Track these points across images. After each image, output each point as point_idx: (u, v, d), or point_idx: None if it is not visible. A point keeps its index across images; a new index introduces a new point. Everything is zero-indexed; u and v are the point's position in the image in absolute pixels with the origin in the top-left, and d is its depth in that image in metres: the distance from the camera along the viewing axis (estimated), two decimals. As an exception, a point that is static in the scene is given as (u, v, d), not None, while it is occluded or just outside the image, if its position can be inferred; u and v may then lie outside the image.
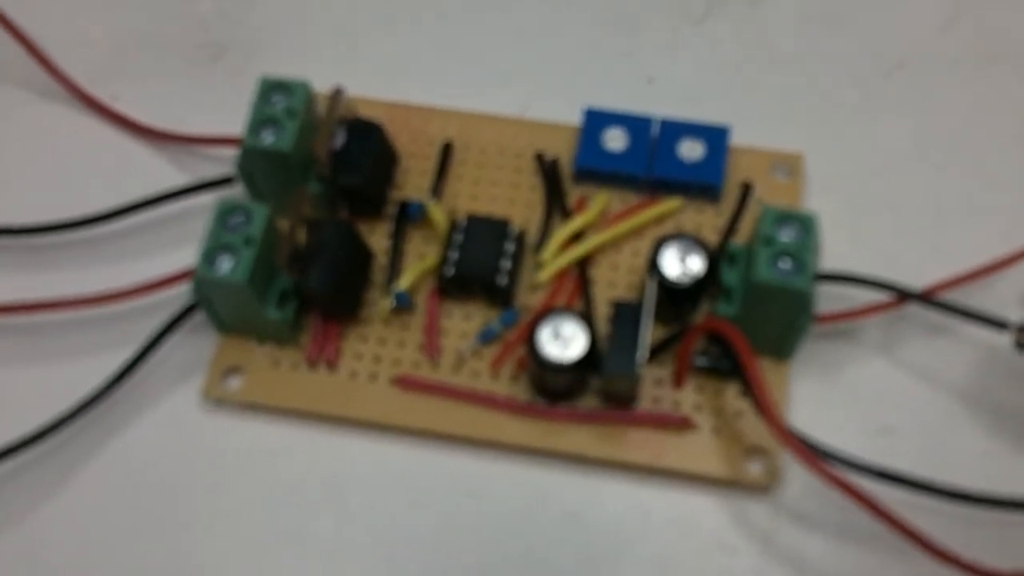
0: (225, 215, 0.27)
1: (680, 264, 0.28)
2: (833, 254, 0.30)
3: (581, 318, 0.27)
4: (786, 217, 0.27)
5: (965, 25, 0.34)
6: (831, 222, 0.31)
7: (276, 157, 0.28)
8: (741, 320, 0.27)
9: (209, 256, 0.26)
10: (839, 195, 0.32)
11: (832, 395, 0.29)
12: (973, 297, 0.29)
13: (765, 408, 0.26)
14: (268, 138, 0.28)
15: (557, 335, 0.27)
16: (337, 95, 0.29)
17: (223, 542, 0.28)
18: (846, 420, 0.29)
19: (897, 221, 0.31)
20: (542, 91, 0.34)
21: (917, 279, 0.29)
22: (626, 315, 0.26)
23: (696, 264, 0.28)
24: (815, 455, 0.25)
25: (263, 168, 0.28)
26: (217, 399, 0.29)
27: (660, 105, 0.32)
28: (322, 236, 0.27)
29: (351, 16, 0.36)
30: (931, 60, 0.34)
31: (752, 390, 0.26)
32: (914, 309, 0.29)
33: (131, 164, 0.33)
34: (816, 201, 0.31)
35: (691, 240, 0.28)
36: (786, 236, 0.26)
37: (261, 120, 0.28)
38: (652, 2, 0.35)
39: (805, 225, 0.27)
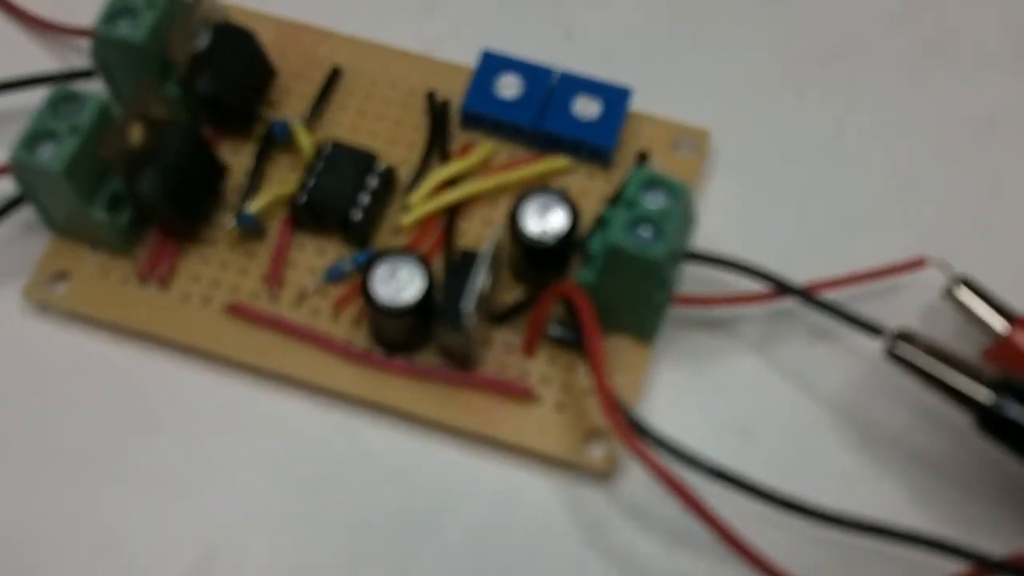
0: (58, 102, 0.25)
1: (541, 220, 0.26)
2: (725, 239, 0.28)
3: (420, 262, 0.25)
4: (655, 182, 0.24)
5: (915, 21, 0.32)
6: (729, 207, 0.29)
7: (131, 49, 0.26)
8: (598, 289, 0.25)
9: (30, 141, 0.24)
10: (744, 180, 0.29)
11: (695, 387, 0.27)
12: (867, 304, 0.27)
13: (597, 379, 0.24)
14: (123, 28, 0.26)
15: (392, 277, 0.25)
16: (203, -4, 0.27)
17: (27, 456, 0.26)
18: (704, 415, 0.26)
19: (800, 215, 0.29)
20: (454, 31, 0.31)
21: (804, 274, 0.26)
22: (464, 265, 0.24)
23: (558, 222, 0.25)
24: (636, 435, 0.23)
25: (118, 61, 0.26)
26: (39, 302, 0.27)
27: (573, 60, 0.30)
28: (162, 140, 0.25)
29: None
30: (871, 54, 0.31)
31: (589, 363, 0.24)
32: (800, 308, 0.27)
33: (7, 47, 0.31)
34: (719, 183, 0.29)
35: (557, 196, 0.26)
36: (652, 202, 0.24)
37: (118, 7, 0.26)
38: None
39: (674, 193, 0.24)
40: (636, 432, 0.23)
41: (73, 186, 0.25)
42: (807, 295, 0.26)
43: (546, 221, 0.25)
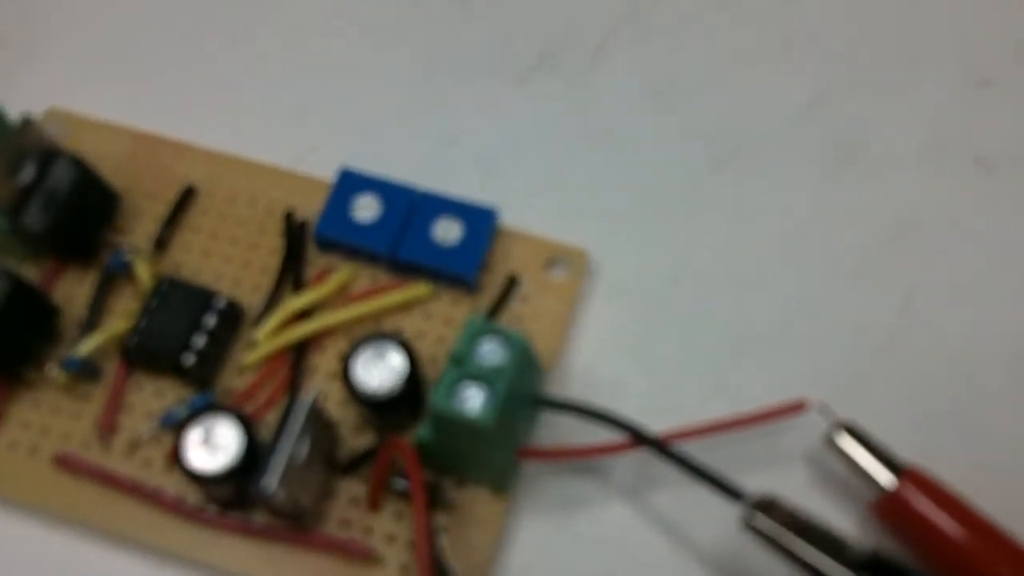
0: None
1: (377, 370, 0.23)
2: (602, 367, 0.26)
3: (240, 422, 0.23)
4: (491, 333, 0.22)
5: (818, 119, 0.29)
6: (608, 332, 0.27)
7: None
8: (438, 445, 0.23)
9: None
10: (625, 302, 0.27)
11: (560, 540, 0.24)
12: (748, 447, 0.24)
13: (418, 541, 0.21)
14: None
15: (207, 439, 0.23)
16: (26, 126, 0.25)
17: None
18: (569, 571, 0.24)
19: (683, 342, 0.26)
20: (319, 144, 0.29)
21: (682, 418, 0.24)
22: (282, 424, 0.22)
23: (395, 371, 0.23)
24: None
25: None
26: None
27: (440, 178, 0.28)
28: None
29: (121, 31, 0.31)
30: (769, 157, 0.29)
31: (414, 531, 0.22)
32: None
33: None
34: (598, 305, 0.27)
35: (396, 343, 0.24)
36: (487, 357, 0.22)
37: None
38: (480, 53, 0.31)
39: (513, 346, 0.22)
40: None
41: None
42: (662, 447, 0.23)
43: (382, 370, 0.23)
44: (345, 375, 0.23)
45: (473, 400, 0.21)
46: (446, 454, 0.23)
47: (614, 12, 0.31)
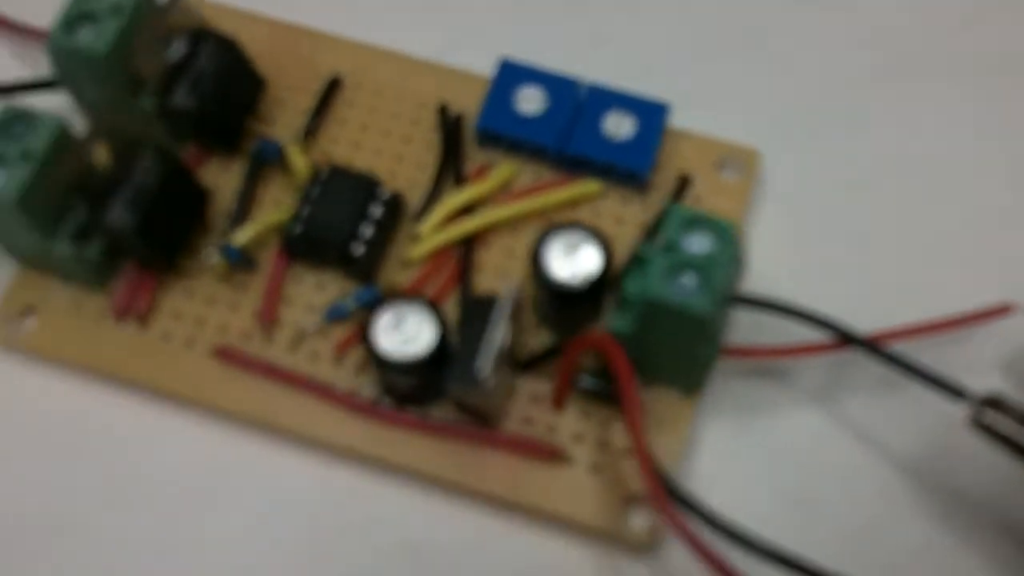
0: (8, 122, 0.22)
1: (569, 261, 0.22)
2: (775, 276, 0.25)
3: (431, 309, 0.22)
4: (698, 221, 0.21)
5: (981, 31, 0.28)
6: (780, 240, 0.26)
7: (91, 60, 0.23)
8: (634, 339, 0.22)
9: (-23, 169, 0.21)
10: (796, 208, 0.26)
11: (746, 446, 0.24)
12: (938, 353, 0.24)
13: (636, 445, 0.20)
14: (83, 37, 0.22)
15: (398, 326, 0.22)
16: (176, 3, 0.23)
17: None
18: (757, 479, 0.23)
19: (860, 251, 0.25)
20: (467, 34, 0.28)
21: (871, 321, 0.23)
22: (479, 314, 0.21)
23: (589, 263, 0.22)
24: (678, 509, 0.20)
25: (81, 74, 0.23)
26: (4, 341, 0.24)
27: (600, 71, 0.27)
28: (129, 163, 0.22)
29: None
30: (936, 70, 0.28)
31: (625, 423, 0.21)
32: (861, 358, 0.24)
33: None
34: (768, 211, 0.26)
35: (587, 233, 0.22)
36: (695, 246, 0.21)
37: (76, 12, 0.22)
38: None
39: (722, 235, 0.21)
40: (679, 505, 0.20)
41: (29, 218, 0.21)
42: (874, 347, 0.22)
43: (574, 262, 0.22)
44: (535, 265, 0.22)
45: (688, 288, 0.20)
46: (641, 349, 0.22)
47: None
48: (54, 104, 0.25)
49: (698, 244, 0.21)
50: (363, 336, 0.22)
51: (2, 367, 0.24)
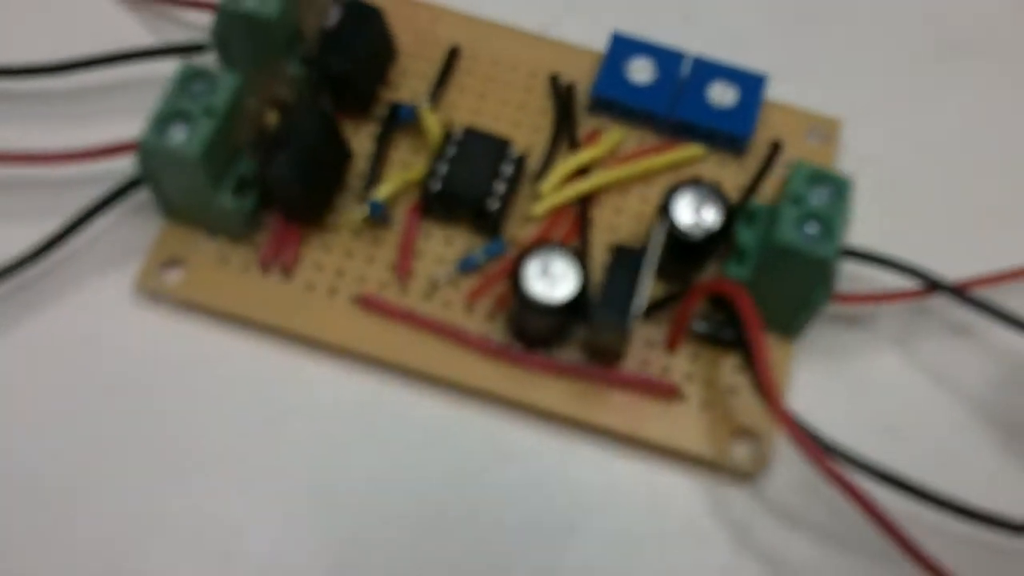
0: (188, 79, 0.23)
1: (694, 214, 0.25)
2: (857, 233, 0.27)
3: (575, 256, 0.24)
4: (820, 177, 0.23)
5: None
6: (860, 199, 0.28)
7: (258, 24, 0.24)
8: (751, 286, 0.24)
9: (161, 122, 0.23)
10: (874, 172, 0.28)
11: (837, 384, 0.26)
12: (1009, 300, 0.26)
13: (767, 388, 0.23)
14: (252, 2, 0.24)
15: (546, 271, 0.24)
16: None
17: (138, 454, 0.25)
18: (849, 413, 0.26)
19: (932, 209, 0.28)
20: (569, 9, 0.30)
21: (949, 272, 0.26)
22: (626, 262, 0.23)
23: (711, 216, 0.25)
24: (818, 446, 0.22)
25: (242, 36, 0.25)
26: (152, 292, 0.26)
27: (694, 44, 0.29)
28: (295, 122, 0.24)
29: None
30: (1000, 44, 0.30)
31: (755, 366, 0.23)
32: (938, 304, 0.27)
33: (97, 18, 0.29)
34: (850, 173, 0.28)
35: (709, 189, 0.25)
36: (817, 198, 0.23)
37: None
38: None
39: (839, 189, 0.23)
40: (816, 443, 0.23)
41: (207, 171, 0.23)
42: (961, 294, 0.25)
43: (699, 216, 0.25)
44: (663, 216, 0.24)
45: (813, 235, 0.23)
46: (756, 295, 0.24)
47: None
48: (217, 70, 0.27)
49: (819, 197, 0.23)
50: (513, 280, 0.24)
51: (151, 317, 0.26)
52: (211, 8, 0.27)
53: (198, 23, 0.29)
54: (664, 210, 0.24)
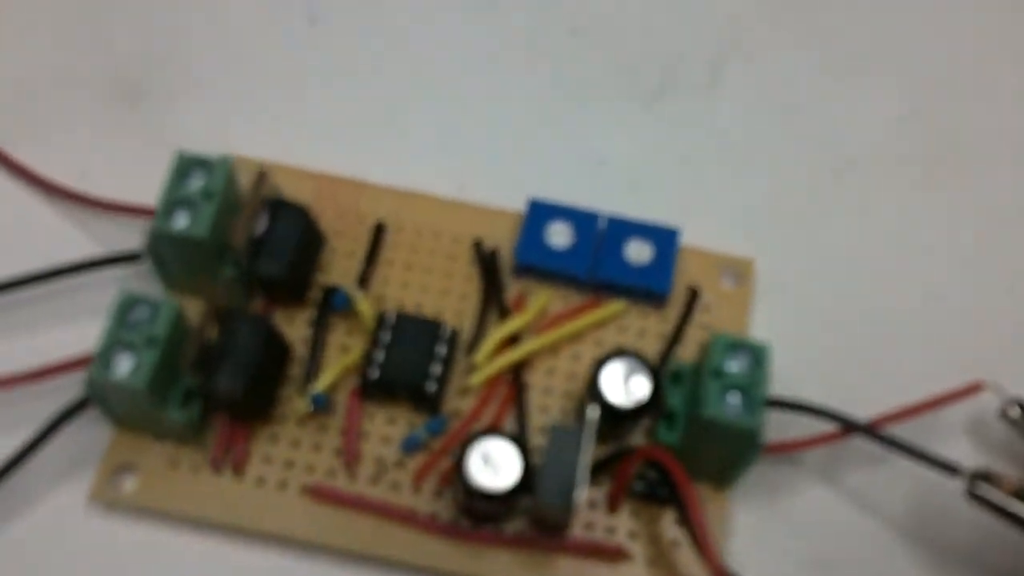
0: (126, 308, 0.24)
1: (623, 385, 0.26)
2: (778, 370, 0.29)
3: (513, 441, 0.25)
4: (737, 346, 0.25)
5: (916, 124, 0.33)
6: (776, 334, 0.29)
7: (190, 243, 0.25)
8: (683, 448, 0.26)
9: (105, 355, 0.24)
10: (787, 305, 0.30)
11: (771, 524, 0.28)
12: (917, 425, 0.28)
13: (704, 546, 0.24)
14: (181, 221, 0.25)
15: (487, 461, 0.25)
16: (261, 178, 0.26)
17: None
18: (784, 551, 0.27)
19: (845, 339, 0.30)
20: (483, 168, 0.32)
21: (863, 405, 0.27)
22: (564, 441, 0.24)
23: (640, 387, 0.26)
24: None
25: (174, 253, 0.26)
26: (107, 501, 0.26)
27: (607, 190, 0.31)
28: (233, 333, 0.25)
29: (284, 70, 0.33)
30: (881, 159, 0.32)
31: (691, 527, 0.25)
32: (856, 441, 0.28)
33: (29, 222, 0.30)
34: (763, 311, 0.30)
35: (635, 359, 0.26)
36: (736, 367, 0.25)
37: (174, 201, 0.25)
38: (603, 79, 0.34)
39: (757, 356, 0.25)
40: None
41: (153, 397, 0.24)
42: (874, 433, 0.27)
43: (628, 387, 0.26)
44: (593, 390, 0.26)
45: (736, 407, 0.24)
46: (685, 455, 0.25)
47: (719, 39, 0.34)
48: (130, 274, 0.28)
49: (738, 366, 0.25)
50: (456, 473, 0.25)
51: (109, 525, 0.26)
52: (141, 213, 0.28)
53: (134, 224, 0.29)
54: (593, 387, 0.26)
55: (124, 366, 0.24)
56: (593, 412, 0.25)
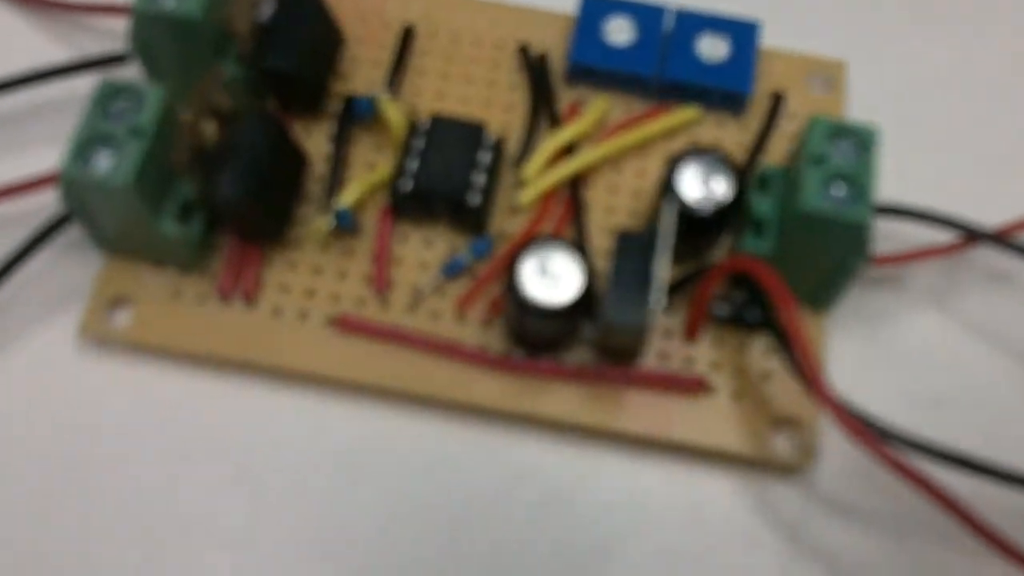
0: (109, 97, 0.20)
1: (702, 187, 0.22)
2: (882, 186, 0.25)
3: (575, 249, 0.21)
4: (840, 131, 0.21)
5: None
6: (881, 148, 0.25)
7: (181, 25, 0.21)
8: (775, 260, 0.21)
9: (82, 150, 0.20)
10: (888, 117, 0.26)
11: (878, 356, 0.23)
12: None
13: (807, 371, 0.20)
14: (170, 2, 0.21)
15: (544, 271, 0.21)
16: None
17: (99, 519, 0.22)
18: (893, 387, 0.23)
19: (959, 152, 0.25)
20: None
21: (982, 220, 0.23)
22: (633, 249, 0.20)
23: (721, 187, 0.22)
24: (872, 432, 0.20)
25: (164, 41, 0.22)
26: (98, 337, 0.23)
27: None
28: (238, 132, 0.21)
29: None
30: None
31: (792, 348, 0.20)
32: (978, 255, 0.24)
33: (3, 34, 0.26)
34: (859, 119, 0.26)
35: (716, 158, 0.22)
36: (840, 155, 0.21)
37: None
38: None
39: (864, 141, 0.21)
40: (870, 430, 0.20)
41: (142, 200, 0.20)
42: (1004, 240, 0.22)
43: (707, 188, 0.22)
44: (667, 192, 0.22)
45: (841, 198, 0.20)
46: (784, 269, 0.21)
47: None
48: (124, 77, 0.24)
49: (842, 154, 0.21)
50: (508, 284, 0.21)
51: (100, 365, 0.23)
52: (127, 13, 0.24)
53: (115, 30, 0.25)
54: (669, 187, 0.22)
55: (104, 162, 0.20)
56: (671, 207, 0.20)
